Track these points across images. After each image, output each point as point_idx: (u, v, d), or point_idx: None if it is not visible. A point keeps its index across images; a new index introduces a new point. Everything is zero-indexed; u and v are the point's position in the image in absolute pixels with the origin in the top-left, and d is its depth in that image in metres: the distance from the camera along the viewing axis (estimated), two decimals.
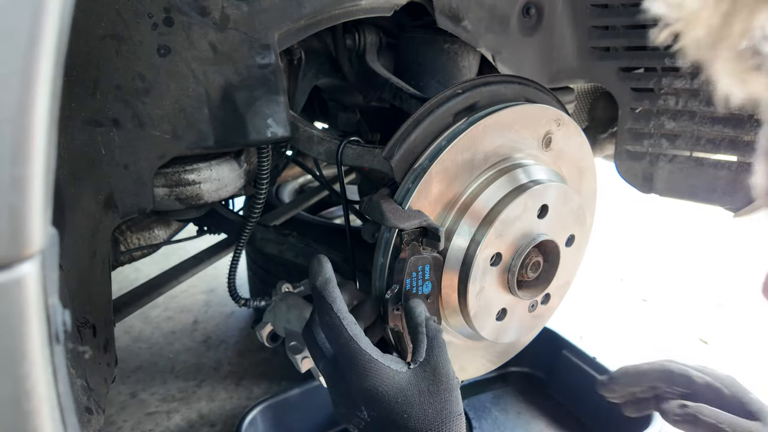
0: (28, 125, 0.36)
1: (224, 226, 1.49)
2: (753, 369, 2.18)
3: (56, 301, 0.42)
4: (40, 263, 0.39)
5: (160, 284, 1.54)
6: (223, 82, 0.93)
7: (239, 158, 1.09)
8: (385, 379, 0.76)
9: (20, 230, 0.37)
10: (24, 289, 0.38)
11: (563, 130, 1.08)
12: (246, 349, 2.19)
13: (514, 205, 0.97)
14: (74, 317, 0.85)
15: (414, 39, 1.29)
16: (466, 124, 0.95)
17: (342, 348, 0.78)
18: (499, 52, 1.25)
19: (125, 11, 0.84)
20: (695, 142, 1.28)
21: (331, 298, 0.80)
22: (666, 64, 1.24)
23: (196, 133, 0.93)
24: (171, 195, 1.01)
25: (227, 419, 1.85)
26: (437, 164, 0.92)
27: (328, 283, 0.82)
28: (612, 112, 1.62)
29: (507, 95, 1.04)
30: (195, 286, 2.66)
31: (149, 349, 2.24)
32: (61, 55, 0.38)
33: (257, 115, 0.96)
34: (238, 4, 0.91)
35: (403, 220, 0.89)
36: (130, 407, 1.92)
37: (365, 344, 0.78)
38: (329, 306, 0.79)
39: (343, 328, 0.78)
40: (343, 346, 0.78)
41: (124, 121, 0.88)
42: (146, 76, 0.87)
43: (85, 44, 0.82)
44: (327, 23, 1.02)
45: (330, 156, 1.06)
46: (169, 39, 0.87)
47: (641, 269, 3.08)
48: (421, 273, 0.94)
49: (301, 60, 1.20)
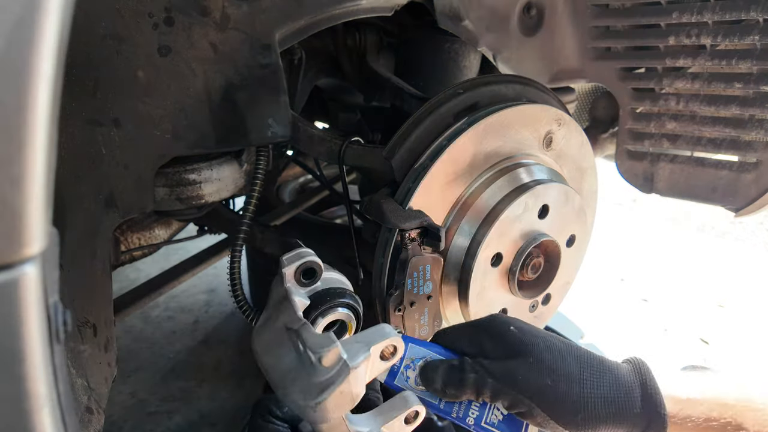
0: (28, 125, 0.36)
1: (225, 226, 1.49)
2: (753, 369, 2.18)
3: (57, 301, 0.42)
4: (41, 263, 0.39)
5: (161, 284, 1.54)
6: (224, 81, 0.93)
7: (240, 158, 1.09)
8: None
9: (21, 230, 0.37)
10: (24, 288, 0.38)
11: (564, 130, 1.08)
12: (246, 349, 2.19)
13: (515, 205, 0.97)
14: (75, 317, 0.85)
15: (415, 39, 1.29)
16: (467, 123, 0.95)
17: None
18: (499, 52, 1.25)
19: (126, 11, 0.84)
20: (696, 142, 1.28)
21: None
22: (667, 65, 1.24)
23: (196, 133, 0.93)
24: (172, 195, 1.01)
25: (228, 419, 1.85)
26: (438, 164, 0.92)
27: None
28: (613, 112, 1.63)
29: (508, 95, 1.04)
30: (195, 285, 2.66)
31: (150, 349, 2.24)
32: (62, 54, 0.37)
33: (258, 115, 0.96)
34: (238, 3, 0.90)
35: (404, 220, 0.89)
36: (130, 407, 1.92)
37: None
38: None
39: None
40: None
41: (125, 121, 0.87)
42: (147, 76, 0.87)
43: (86, 44, 0.82)
44: (327, 23, 1.02)
45: (331, 156, 1.06)
46: (170, 39, 0.87)
47: (642, 269, 3.08)
48: (422, 273, 0.94)
49: (302, 60, 1.20)
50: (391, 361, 0.73)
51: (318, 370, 0.68)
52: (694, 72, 1.23)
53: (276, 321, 0.79)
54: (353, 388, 0.68)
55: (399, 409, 0.77)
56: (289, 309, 0.77)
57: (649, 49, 1.27)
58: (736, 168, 1.23)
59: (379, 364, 0.72)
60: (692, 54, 1.20)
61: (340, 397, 0.68)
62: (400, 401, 0.78)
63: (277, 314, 0.80)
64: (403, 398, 0.78)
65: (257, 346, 0.78)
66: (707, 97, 1.22)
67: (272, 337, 0.78)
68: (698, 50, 1.19)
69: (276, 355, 0.75)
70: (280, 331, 0.77)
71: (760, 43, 1.09)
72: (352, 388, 0.68)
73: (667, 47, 1.22)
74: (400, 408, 0.77)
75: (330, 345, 0.68)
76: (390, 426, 0.76)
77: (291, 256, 0.81)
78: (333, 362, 0.68)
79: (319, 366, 0.68)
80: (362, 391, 0.70)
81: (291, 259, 0.80)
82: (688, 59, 1.21)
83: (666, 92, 1.29)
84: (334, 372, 0.68)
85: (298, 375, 0.71)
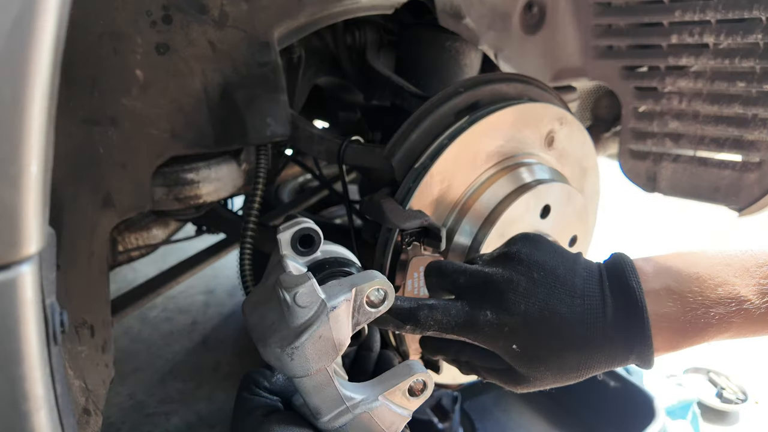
0: (25, 124, 0.36)
1: (223, 226, 1.48)
2: (753, 369, 2.17)
3: (54, 302, 0.42)
4: (38, 263, 0.39)
5: (159, 285, 1.54)
6: (222, 80, 0.92)
7: (238, 157, 1.08)
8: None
9: (17, 230, 0.36)
10: (21, 289, 0.38)
11: (566, 129, 1.07)
12: (245, 350, 2.19)
13: (517, 205, 0.96)
14: (72, 318, 0.84)
15: (415, 37, 1.28)
16: (468, 122, 0.94)
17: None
18: (501, 50, 1.25)
19: (123, 8, 0.83)
20: (699, 141, 1.27)
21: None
22: (670, 63, 1.24)
23: (194, 132, 0.92)
24: (170, 194, 1.00)
25: (226, 420, 1.84)
26: (438, 163, 0.91)
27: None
28: (615, 110, 1.62)
29: (509, 94, 1.03)
30: (193, 286, 2.65)
31: (148, 350, 2.23)
32: (59, 53, 0.37)
33: (257, 114, 0.95)
34: (237, 1, 0.90)
35: (404, 220, 0.88)
36: (128, 408, 1.91)
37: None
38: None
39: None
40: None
41: (122, 120, 0.87)
42: (144, 75, 0.87)
43: (83, 42, 0.81)
44: (327, 21, 1.01)
45: (330, 155, 1.05)
46: (168, 37, 0.87)
47: None
48: (422, 273, 0.93)
49: (301, 58, 1.19)
50: (381, 309, 0.65)
51: (295, 312, 0.62)
52: (696, 70, 1.23)
53: (265, 283, 0.74)
54: (334, 333, 0.62)
55: (402, 376, 0.67)
56: (279, 269, 0.71)
57: (652, 48, 1.27)
58: (739, 168, 1.22)
59: (366, 311, 0.64)
60: (695, 52, 1.19)
61: (319, 342, 0.61)
62: (403, 368, 0.68)
63: (267, 278, 0.75)
64: (407, 366, 0.69)
65: (246, 308, 0.73)
66: (710, 95, 1.22)
67: (261, 296, 0.73)
68: (701, 49, 1.19)
69: (261, 313, 0.70)
70: (269, 289, 0.71)
71: (763, 41, 1.08)
72: (333, 333, 0.62)
73: (670, 45, 1.22)
74: (402, 375, 0.67)
75: (305, 281, 0.62)
76: (390, 394, 0.66)
77: (287, 224, 0.74)
78: (309, 301, 0.62)
79: (295, 308, 0.62)
80: (346, 338, 0.63)
81: (287, 227, 0.74)
82: (691, 58, 1.20)
83: (669, 91, 1.29)
84: (312, 313, 0.62)
85: (279, 325, 0.64)
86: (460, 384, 1.11)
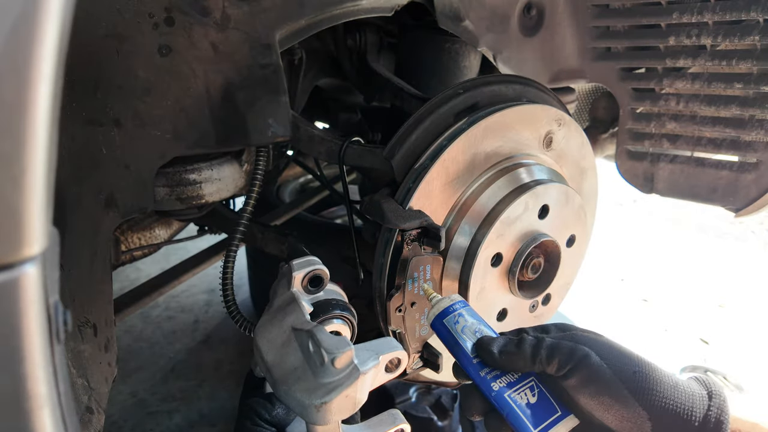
0: (29, 125, 0.36)
1: (225, 226, 1.49)
2: (753, 369, 2.17)
3: (57, 301, 0.42)
4: (41, 263, 0.39)
5: (161, 284, 1.54)
6: (224, 81, 0.93)
7: (240, 158, 1.09)
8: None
9: (21, 230, 0.37)
10: (25, 288, 0.38)
11: (564, 130, 1.08)
12: (247, 349, 2.19)
13: (515, 205, 0.97)
14: (75, 317, 0.85)
15: (415, 39, 1.29)
16: (467, 123, 0.95)
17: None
18: (500, 52, 1.25)
19: (126, 11, 0.84)
20: (696, 142, 1.28)
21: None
22: (667, 65, 1.24)
23: (197, 132, 0.93)
24: (172, 195, 1.01)
25: (228, 419, 1.85)
26: (438, 164, 0.92)
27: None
28: (613, 112, 1.63)
29: (508, 95, 1.04)
30: (196, 285, 2.66)
31: (150, 349, 2.24)
32: (62, 54, 0.37)
33: (258, 115, 0.96)
34: (239, 3, 0.90)
35: (404, 220, 0.89)
36: (131, 407, 1.92)
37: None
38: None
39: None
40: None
41: (125, 121, 0.87)
42: (147, 76, 0.87)
43: (86, 44, 0.82)
44: (328, 23, 1.02)
45: (331, 156, 1.06)
46: (170, 39, 0.87)
47: (642, 269, 3.08)
48: (422, 273, 0.94)
49: (302, 60, 1.20)
50: (395, 373, 0.75)
51: (328, 371, 0.70)
52: (694, 72, 1.23)
53: (282, 321, 0.80)
54: (358, 393, 0.70)
55: (387, 424, 0.82)
56: (298, 311, 0.79)
57: (650, 50, 1.27)
58: (736, 168, 1.23)
59: (383, 375, 0.74)
60: (692, 54, 1.20)
61: (344, 401, 0.69)
62: (388, 417, 0.82)
63: (284, 315, 0.81)
64: (391, 415, 0.82)
65: (261, 343, 0.79)
66: (707, 97, 1.22)
67: (277, 335, 0.79)
68: (698, 50, 1.19)
69: (281, 354, 0.77)
70: (287, 330, 0.79)
71: (760, 43, 1.09)
72: (357, 393, 0.70)
73: (668, 47, 1.23)
74: (387, 423, 0.82)
75: (345, 347, 0.70)
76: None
77: (301, 263, 0.83)
78: (344, 365, 0.70)
79: (330, 367, 0.69)
80: (364, 398, 0.72)
81: (300, 266, 0.83)
82: (689, 59, 1.21)
83: (666, 92, 1.29)
84: (344, 375, 0.69)
85: (304, 374, 0.72)
86: (459, 382, 1.12)
